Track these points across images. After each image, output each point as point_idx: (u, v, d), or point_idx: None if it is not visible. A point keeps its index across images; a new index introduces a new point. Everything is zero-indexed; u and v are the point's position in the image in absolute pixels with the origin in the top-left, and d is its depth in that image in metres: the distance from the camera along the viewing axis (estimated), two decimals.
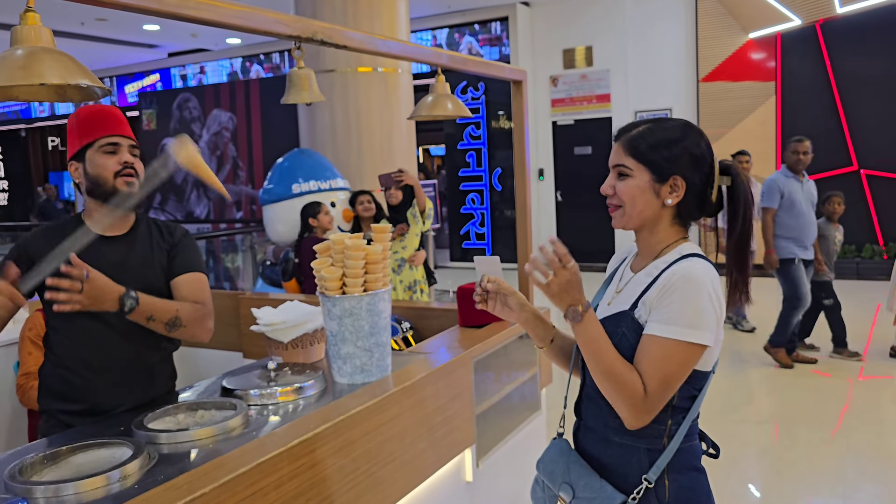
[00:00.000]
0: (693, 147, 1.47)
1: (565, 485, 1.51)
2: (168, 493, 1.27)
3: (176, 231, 2.13)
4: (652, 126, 1.49)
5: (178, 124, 12.52)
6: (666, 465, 1.43)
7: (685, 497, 1.45)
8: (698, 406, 1.47)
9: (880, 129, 8.85)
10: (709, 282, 1.39)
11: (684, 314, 1.36)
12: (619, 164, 1.49)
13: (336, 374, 1.93)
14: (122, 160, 1.94)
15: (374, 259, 1.88)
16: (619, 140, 1.50)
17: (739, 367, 5.66)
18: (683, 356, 1.37)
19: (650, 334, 1.39)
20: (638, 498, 1.43)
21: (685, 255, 1.45)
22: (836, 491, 3.57)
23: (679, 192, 1.46)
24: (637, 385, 1.37)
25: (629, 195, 1.47)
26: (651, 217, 1.48)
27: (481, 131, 11.15)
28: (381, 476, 1.71)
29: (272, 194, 5.49)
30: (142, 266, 2.00)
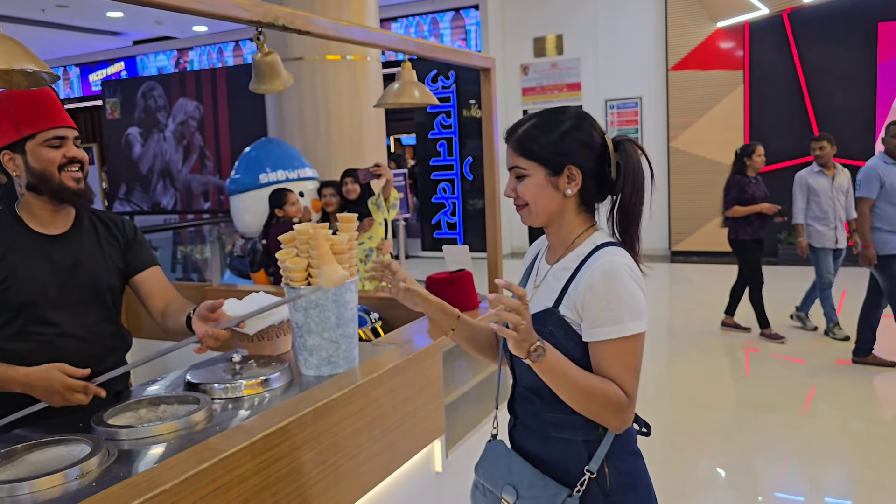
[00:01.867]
0: (579, 134, 1.46)
1: (508, 486, 1.50)
2: (127, 490, 1.23)
3: (125, 226, 2.06)
4: (536, 122, 1.49)
5: (142, 113, 12.29)
6: (605, 453, 1.44)
7: (626, 482, 1.47)
8: None
9: (845, 118, 8.99)
10: (627, 268, 1.41)
11: (620, 310, 1.37)
12: (514, 167, 1.49)
13: (302, 366, 1.90)
14: (69, 154, 1.85)
15: (340, 249, 1.85)
16: (509, 142, 1.50)
17: (708, 353, 5.73)
18: (636, 346, 1.40)
19: (602, 340, 1.39)
20: (582, 490, 1.43)
21: (598, 245, 1.46)
22: (803, 474, 3.63)
23: (577, 180, 1.46)
24: (616, 392, 1.37)
25: (531, 194, 1.48)
26: (556, 210, 1.48)
27: (452, 120, 11.11)
28: (348, 468, 1.69)
29: (239, 184, 5.42)
30: (96, 265, 1.93)
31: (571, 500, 1.43)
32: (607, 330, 1.38)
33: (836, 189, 5.80)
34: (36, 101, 1.83)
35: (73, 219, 1.94)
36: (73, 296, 1.88)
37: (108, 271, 1.96)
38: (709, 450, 3.99)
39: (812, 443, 3.98)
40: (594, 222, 1.53)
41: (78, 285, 1.89)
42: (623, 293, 1.38)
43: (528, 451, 1.53)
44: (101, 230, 1.99)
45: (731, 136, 9.70)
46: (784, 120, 9.38)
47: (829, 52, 9.13)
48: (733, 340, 6.03)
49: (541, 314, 1.47)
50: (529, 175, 1.47)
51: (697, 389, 4.98)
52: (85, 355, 1.86)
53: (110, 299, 1.98)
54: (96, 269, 1.93)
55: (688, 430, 4.28)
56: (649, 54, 10.05)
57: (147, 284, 2.03)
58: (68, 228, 1.92)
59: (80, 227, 1.95)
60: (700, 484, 3.57)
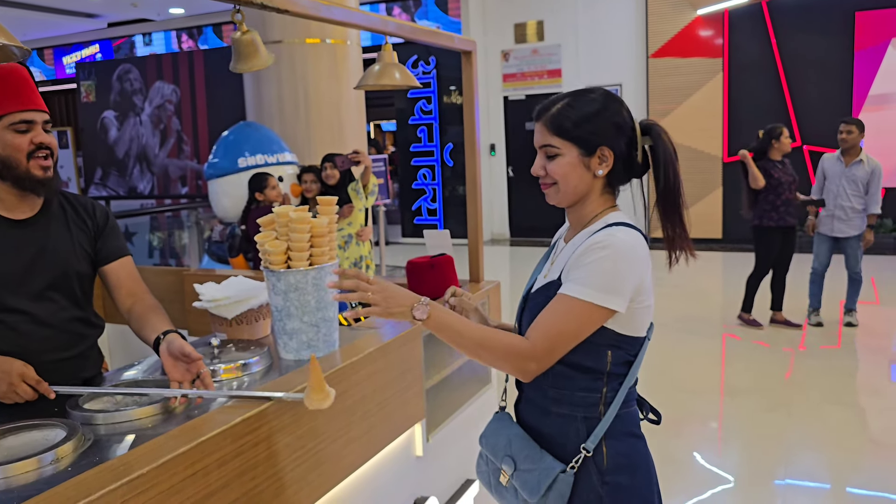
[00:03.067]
0: (615, 115, 1.48)
1: (507, 458, 1.52)
2: (103, 475, 1.21)
3: (96, 210, 1.96)
4: (571, 101, 1.49)
5: (118, 96, 12.11)
6: (604, 433, 1.45)
7: (623, 463, 1.47)
8: (635, 372, 1.49)
9: (822, 106, 9.07)
10: (627, 248, 1.40)
11: (596, 277, 1.37)
12: (546, 145, 1.49)
13: (282, 350, 1.88)
14: (37, 140, 1.75)
15: (320, 232, 1.83)
16: (541, 119, 1.50)
17: (685, 338, 5.78)
18: (586, 317, 1.38)
19: (560, 293, 1.41)
20: (577, 466, 1.44)
21: (610, 223, 1.46)
22: (777, 457, 3.68)
23: (608, 161, 1.47)
24: (514, 341, 1.40)
25: (561, 173, 1.47)
26: (585, 190, 1.49)
27: (432, 106, 11.07)
28: (328, 453, 1.68)
29: (218, 168, 5.35)
30: (63, 251, 1.85)
31: (565, 476, 1.43)
32: (569, 286, 1.40)
33: (847, 178, 5.66)
34: (3, 81, 1.73)
35: (41, 203, 1.86)
36: (39, 282, 1.81)
37: (77, 257, 1.88)
38: (686, 434, 4.03)
39: (788, 426, 4.03)
40: (614, 203, 1.54)
41: (44, 271, 1.81)
42: (604, 262, 1.38)
43: (529, 424, 1.55)
44: (70, 214, 1.91)
45: (710, 124, 9.76)
46: (762, 108, 9.45)
47: (807, 41, 9.20)
48: (712, 327, 6.09)
49: (546, 286, 1.50)
50: (562, 154, 1.47)
51: (675, 374, 5.02)
52: (52, 341, 1.82)
53: (78, 286, 1.89)
54: (63, 255, 1.85)
55: (666, 414, 4.30)
56: (630, 41, 10.07)
57: (115, 276, 1.94)
58: (35, 213, 1.84)
59: (49, 211, 1.86)
60: (677, 467, 3.61)
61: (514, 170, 10.92)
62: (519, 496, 1.50)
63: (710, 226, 9.86)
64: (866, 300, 6.40)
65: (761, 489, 3.36)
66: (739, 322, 5.97)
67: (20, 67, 1.78)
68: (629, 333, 1.45)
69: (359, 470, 1.82)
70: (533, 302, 1.53)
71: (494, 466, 1.58)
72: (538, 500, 1.44)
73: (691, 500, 3.26)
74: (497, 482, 1.57)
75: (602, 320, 1.40)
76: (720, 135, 9.73)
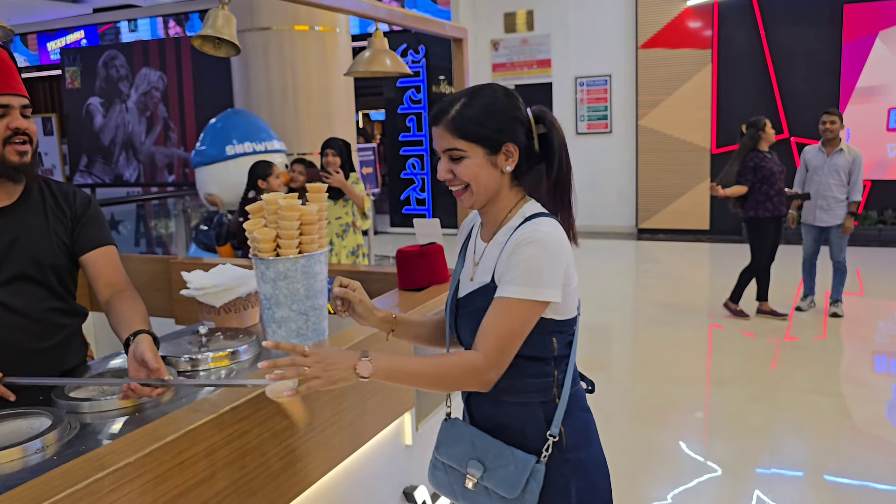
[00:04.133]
0: (514, 110, 1.47)
1: (473, 461, 1.50)
2: (90, 463, 1.20)
3: (77, 198, 1.90)
4: (468, 101, 1.46)
5: (104, 83, 11.97)
6: (563, 414, 1.47)
7: (580, 438, 1.51)
8: (575, 350, 1.51)
9: (810, 98, 9.10)
10: (552, 240, 1.41)
11: (529, 274, 1.38)
12: (450, 149, 1.46)
13: (270, 338, 1.87)
14: (14, 125, 1.70)
15: (310, 220, 1.82)
16: (441, 123, 1.46)
17: (673, 329, 5.81)
18: (528, 314, 1.40)
19: (497, 296, 1.41)
20: (548, 454, 1.46)
21: (528, 216, 1.47)
22: (763, 446, 3.70)
23: (514, 156, 1.47)
24: (468, 358, 1.39)
25: (471, 175, 1.46)
26: (495, 188, 1.48)
27: (422, 95, 11.03)
28: (318, 441, 1.67)
29: (205, 156, 5.30)
30: (38, 241, 1.80)
31: (540, 466, 1.45)
32: (506, 288, 1.40)
33: (830, 168, 5.76)
34: None
35: (20, 191, 1.81)
36: (12, 271, 1.76)
37: (52, 248, 1.82)
38: (672, 423, 4.05)
39: (773, 416, 4.06)
40: (524, 195, 1.54)
41: (17, 261, 1.76)
42: (532, 259, 1.39)
43: (482, 418, 1.54)
44: (49, 203, 1.85)
45: (698, 115, 9.78)
46: (751, 99, 9.47)
47: (796, 33, 9.23)
48: (698, 317, 6.12)
49: (481, 290, 1.49)
50: (468, 156, 1.45)
51: (662, 365, 5.04)
52: (27, 332, 1.78)
53: (54, 276, 1.84)
54: (38, 246, 1.79)
55: (652, 404, 4.34)
56: (619, 32, 10.06)
57: (93, 265, 1.87)
58: (13, 201, 1.79)
59: (28, 199, 1.81)
60: (663, 457, 3.63)
61: None
62: (493, 496, 1.48)
63: (697, 217, 9.90)
64: (851, 291, 6.45)
65: (747, 478, 3.39)
66: (725, 311, 5.99)
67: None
68: (565, 317, 1.47)
69: (348, 459, 1.81)
70: (469, 308, 1.51)
71: (458, 473, 1.55)
72: (519, 493, 1.44)
73: (677, 489, 3.28)
74: (462, 488, 1.54)
75: (540, 313, 1.42)
76: (709, 126, 9.75)
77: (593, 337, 5.64)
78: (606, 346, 5.63)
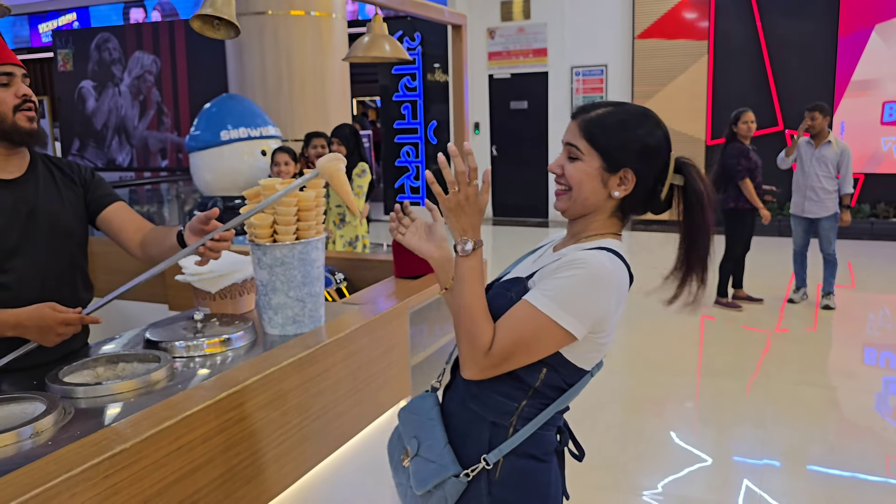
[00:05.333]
0: (648, 137, 1.38)
1: (413, 439, 1.45)
2: (85, 449, 1.19)
3: (80, 168, 1.99)
4: (612, 110, 1.40)
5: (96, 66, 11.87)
6: (510, 449, 1.37)
7: (514, 481, 1.38)
8: (568, 400, 1.39)
9: (806, 91, 9.10)
10: (605, 275, 1.30)
11: (561, 292, 1.29)
12: (571, 144, 1.40)
13: (267, 325, 1.86)
14: (21, 92, 1.76)
15: (307, 206, 1.81)
16: (577, 119, 1.41)
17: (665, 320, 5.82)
18: (543, 332, 1.29)
19: (524, 299, 1.32)
20: (472, 475, 1.36)
21: (601, 246, 1.37)
22: (753, 437, 3.72)
23: (628, 185, 1.38)
24: (485, 337, 1.30)
25: (577, 179, 1.38)
26: (594, 205, 1.40)
27: (417, 83, 10.97)
28: (313, 429, 1.67)
29: (199, 141, 5.27)
30: (55, 210, 1.86)
31: (456, 481, 1.36)
32: (535, 294, 1.31)
33: (818, 159, 5.83)
34: None
35: (27, 163, 1.86)
36: (33, 241, 1.81)
37: (68, 216, 1.88)
38: (664, 413, 4.07)
39: (764, 407, 4.08)
40: (620, 232, 1.44)
41: (37, 230, 1.81)
42: (578, 284, 1.29)
43: (448, 412, 1.47)
44: (57, 175, 1.91)
45: (694, 106, 9.78)
46: (746, 91, 9.47)
47: (792, 25, 9.22)
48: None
49: (511, 280, 1.43)
50: (583, 160, 1.38)
51: (653, 355, 5.06)
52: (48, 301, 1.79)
53: (71, 245, 1.90)
54: (55, 214, 1.85)
55: (643, 394, 4.35)
56: (616, 22, 10.03)
57: (117, 218, 1.96)
58: (23, 173, 1.84)
59: (36, 171, 1.87)
60: (653, 446, 3.64)
61: (497, 149, 10.89)
62: (409, 481, 1.43)
63: None
64: (843, 284, 6.48)
65: (736, 468, 3.41)
66: (718, 307, 6.03)
67: None
68: (573, 361, 1.35)
69: (344, 446, 1.81)
70: (494, 292, 1.44)
71: (401, 444, 1.50)
72: (422, 493, 1.39)
73: (668, 478, 3.30)
74: (398, 460, 1.50)
75: (558, 342, 1.31)
76: (703, 117, 9.75)
77: None
78: None
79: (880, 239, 8.73)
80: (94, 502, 1.14)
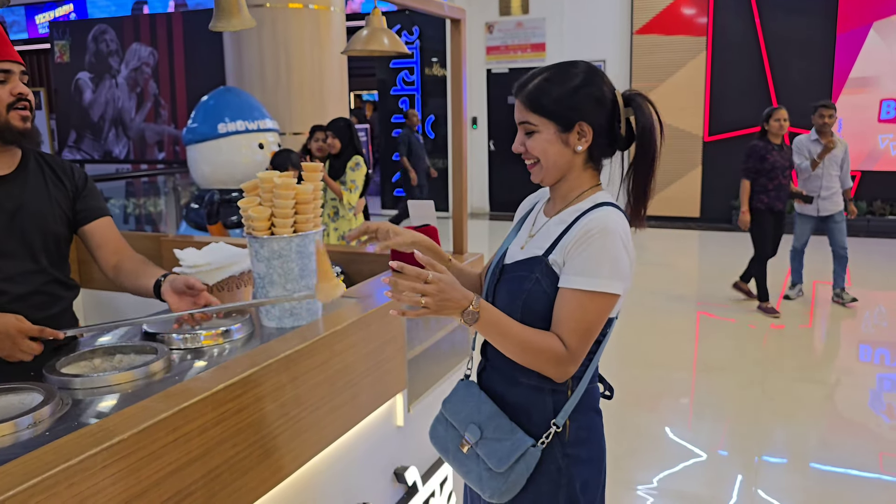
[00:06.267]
0: (594, 90, 1.45)
1: (472, 425, 1.52)
2: (82, 439, 1.19)
3: (75, 172, 1.95)
4: (548, 76, 1.46)
5: (93, 58, 11.82)
6: (573, 408, 1.47)
7: (583, 436, 1.50)
8: (601, 351, 1.51)
9: (803, 88, 9.12)
10: (623, 232, 1.41)
11: (601, 265, 1.37)
12: (524, 122, 1.48)
13: (264, 317, 1.87)
14: (16, 91, 1.73)
15: (305, 199, 1.80)
16: (520, 96, 1.48)
17: (662, 316, 5.84)
18: (600, 306, 1.39)
19: (568, 287, 1.39)
20: (546, 442, 1.46)
21: (599, 203, 1.46)
22: (749, 433, 3.74)
23: (587, 136, 1.46)
24: (555, 345, 1.38)
25: (540, 150, 1.46)
26: (565, 166, 1.48)
27: (415, 77, 10.96)
28: (311, 421, 1.67)
29: (197, 134, 5.25)
30: (41, 210, 1.83)
31: (534, 450, 1.44)
32: (578, 280, 1.38)
33: (830, 159, 5.75)
34: None
35: (18, 160, 1.84)
36: (16, 240, 1.79)
37: (55, 217, 1.86)
38: (659, 409, 4.08)
39: (760, 402, 4.10)
40: (599, 181, 1.53)
41: (21, 230, 1.79)
42: (609, 250, 1.38)
43: (494, 393, 1.54)
44: (48, 174, 1.88)
45: (691, 102, 9.79)
46: (744, 88, 9.48)
47: (791, 22, 9.22)
48: (686, 305, 6.16)
49: (529, 261, 1.48)
50: (539, 131, 1.46)
51: (650, 351, 5.08)
52: (27, 301, 1.79)
53: (55, 246, 1.88)
54: (42, 214, 1.83)
55: (639, 389, 4.37)
56: (614, 17, 10.02)
57: (98, 235, 1.94)
58: (13, 170, 1.82)
59: (26, 169, 1.84)
60: (649, 441, 3.66)
61: (495, 144, 10.88)
62: (481, 464, 1.50)
63: (688, 204, 9.93)
64: None
65: (731, 464, 3.42)
66: (714, 300, 6.05)
67: None
68: (610, 315, 1.46)
69: (340, 439, 1.81)
70: (511, 274, 1.51)
71: (455, 433, 1.57)
72: (504, 470, 1.45)
73: (663, 473, 3.31)
74: (456, 449, 1.56)
75: (612, 306, 1.41)
76: (701, 113, 9.76)
77: None
78: None
79: (876, 236, 8.76)
80: (92, 492, 1.14)
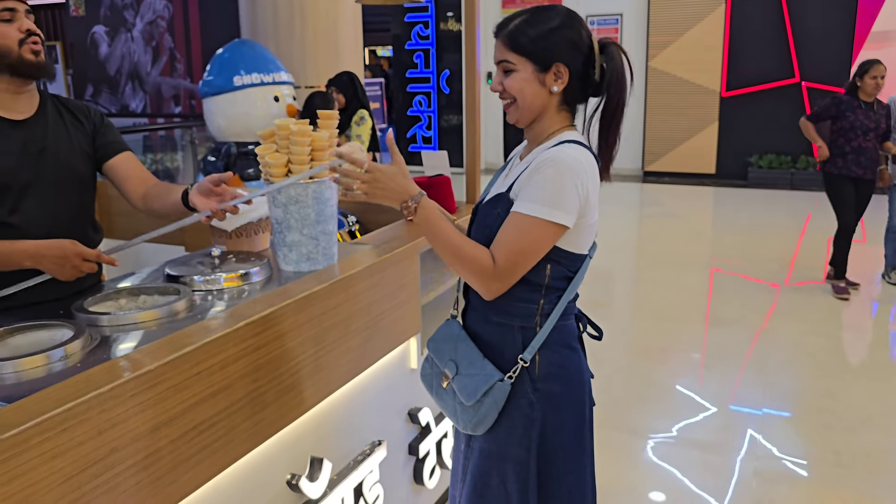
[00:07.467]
0: (572, 33, 1.49)
1: (450, 362, 1.59)
2: (110, 371, 1.26)
3: (90, 111, 1.99)
4: (528, 17, 1.50)
5: (108, 11, 11.77)
6: (540, 345, 1.51)
7: (554, 372, 1.53)
8: (575, 287, 1.53)
9: (823, 43, 8.96)
10: (576, 165, 1.42)
11: (544, 193, 1.41)
12: (502, 61, 1.51)
13: (282, 261, 1.92)
14: (24, 27, 1.76)
15: (321, 146, 1.84)
16: (500, 36, 1.52)
17: (674, 271, 5.86)
18: (538, 233, 1.42)
19: (513, 211, 1.45)
20: (514, 376, 1.51)
21: (563, 140, 1.49)
22: (757, 381, 3.79)
23: (563, 78, 1.49)
24: (483, 258, 1.45)
25: (517, 89, 1.50)
26: (540, 107, 1.52)
27: (430, 31, 10.85)
28: (326, 361, 1.73)
29: (213, 87, 5.25)
30: (64, 150, 1.87)
31: (502, 385, 1.50)
32: (521, 204, 1.43)
33: None
34: None
35: (37, 103, 1.87)
36: (43, 182, 1.83)
37: (77, 157, 1.90)
38: (669, 361, 4.14)
39: (769, 355, 4.14)
40: (572, 122, 1.57)
41: (47, 171, 1.83)
42: (555, 180, 1.41)
43: (473, 332, 1.61)
44: (66, 116, 1.92)
45: (709, 57, 9.64)
46: (763, 42, 9.32)
47: None
48: (700, 260, 6.17)
49: (494, 199, 1.55)
50: (517, 70, 1.50)
51: (661, 305, 5.12)
52: None
53: (80, 187, 1.93)
54: (65, 155, 1.87)
55: (650, 341, 4.42)
56: None
57: (122, 168, 1.98)
58: (33, 113, 1.85)
59: (45, 111, 1.88)
60: (660, 394, 3.72)
61: None
62: (456, 399, 1.57)
63: (703, 160, 9.85)
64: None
65: (740, 416, 3.48)
66: (727, 257, 6.04)
67: None
68: (571, 250, 1.49)
69: (355, 379, 1.88)
70: (481, 213, 1.58)
71: (438, 370, 1.64)
72: (473, 403, 1.52)
73: (675, 425, 3.38)
74: (438, 385, 1.64)
75: (555, 237, 1.44)
76: (719, 68, 9.61)
77: (594, 276, 5.70)
78: (607, 286, 5.70)
79: None
80: (122, 418, 1.21)
